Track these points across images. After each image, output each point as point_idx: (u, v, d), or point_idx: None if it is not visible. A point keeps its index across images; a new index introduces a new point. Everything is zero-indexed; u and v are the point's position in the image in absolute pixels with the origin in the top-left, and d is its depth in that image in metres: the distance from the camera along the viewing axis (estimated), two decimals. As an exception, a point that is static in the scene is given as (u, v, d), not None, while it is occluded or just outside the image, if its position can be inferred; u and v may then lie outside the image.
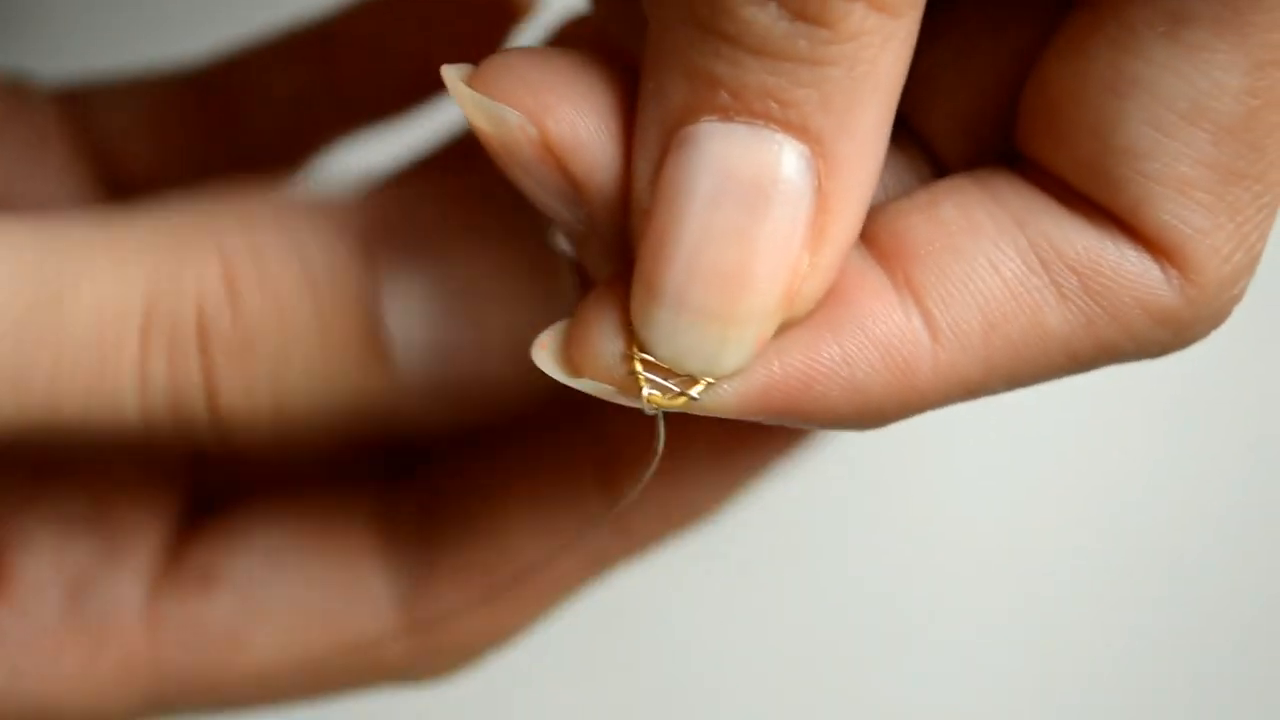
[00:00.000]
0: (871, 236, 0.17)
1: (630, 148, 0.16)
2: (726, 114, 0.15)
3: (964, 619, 0.42)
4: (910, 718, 0.42)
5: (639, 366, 0.16)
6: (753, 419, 0.17)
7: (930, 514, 0.43)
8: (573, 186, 0.16)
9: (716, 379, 0.16)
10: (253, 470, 0.23)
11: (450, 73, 0.17)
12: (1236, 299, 0.17)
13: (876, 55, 0.15)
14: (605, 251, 0.18)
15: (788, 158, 0.15)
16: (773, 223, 0.15)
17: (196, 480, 0.23)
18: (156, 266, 0.18)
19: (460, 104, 0.16)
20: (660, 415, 0.17)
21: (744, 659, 0.42)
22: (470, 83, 0.16)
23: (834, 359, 0.16)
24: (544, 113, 0.16)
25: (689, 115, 0.15)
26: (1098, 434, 0.43)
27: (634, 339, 0.16)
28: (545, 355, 0.17)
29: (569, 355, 0.17)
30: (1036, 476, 0.43)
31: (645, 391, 0.16)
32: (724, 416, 0.17)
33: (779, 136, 0.15)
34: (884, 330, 0.16)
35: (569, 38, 0.23)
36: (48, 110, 0.27)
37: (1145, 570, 0.43)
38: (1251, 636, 0.43)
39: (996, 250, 0.17)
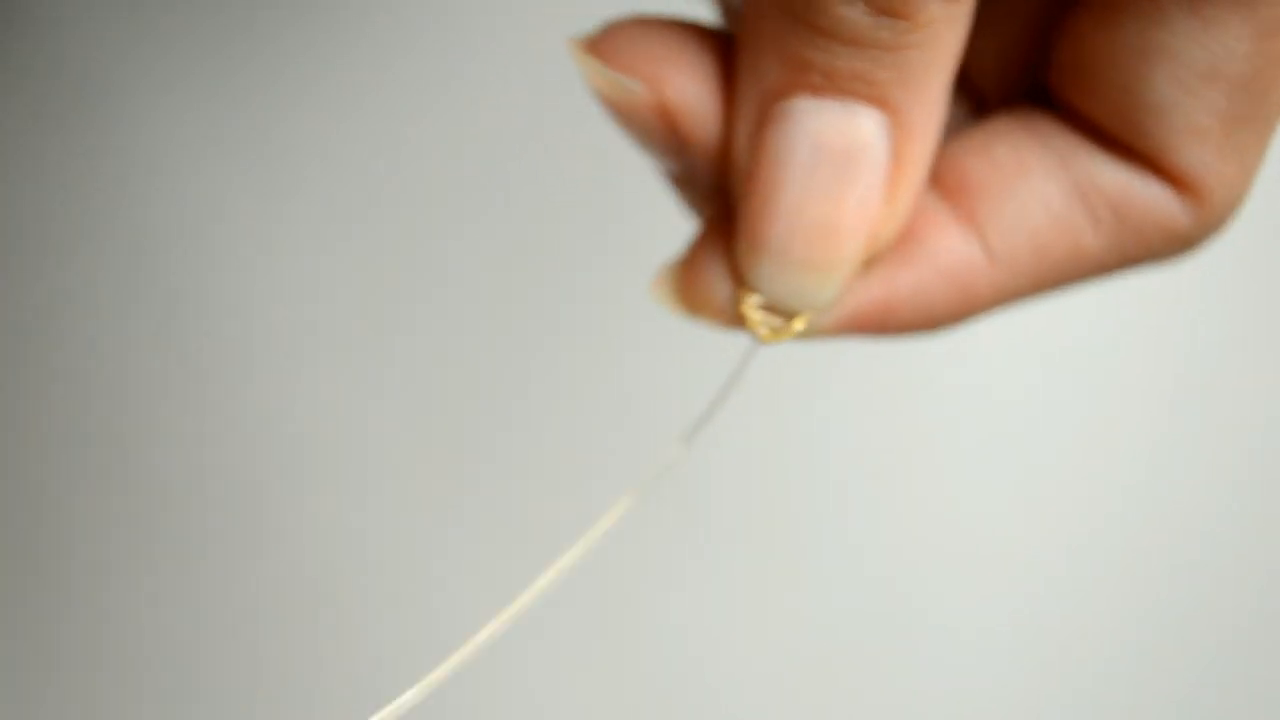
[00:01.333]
0: (936, 175, 0.20)
1: (729, 110, 0.19)
2: (818, 91, 0.18)
3: (964, 617, 0.44)
4: (910, 714, 0.44)
5: (750, 310, 0.19)
6: (841, 338, 0.21)
7: (931, 511, 0.45)
8: (681, 141, 0.20)
9: (814, 313, 0.19)
10: None
11: (575, 43, 0.19)
12: (1237, 212, 0.21)
13: (944, 35, 0.18)
14: (706, 194, 0.21)
15: (871, 128, 0.18)
16: (860, 184, 0.18)
17: None
18: None
19: (585, 72, 0.19)
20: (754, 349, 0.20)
21: (743, 658, 0.44)
22: (592, 51, 0.19)
23: (909, 287, 0.20)
24: (663, 82, 0.19)
25: (785, 92, 0.18)
26: (1100, 430, 0.45)
27: (742, 282, 0.19)
28: (664, 293, 0.20)
29: (685, 295, 0.20)
30: (1039, 470, 0.45)
31: (760, 330, 0.19)
32: (819, 339, 0.20)
33: (863, 109, 0.18)
34: (948, 260, 0.20)
35: None
36: None
37: (1148, 565, 0.44)
38: (1252, 632, 0.44)
39: (1045, 186, 0.20)
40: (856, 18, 0.17)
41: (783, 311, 0.19)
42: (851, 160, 0.18)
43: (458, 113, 0.42)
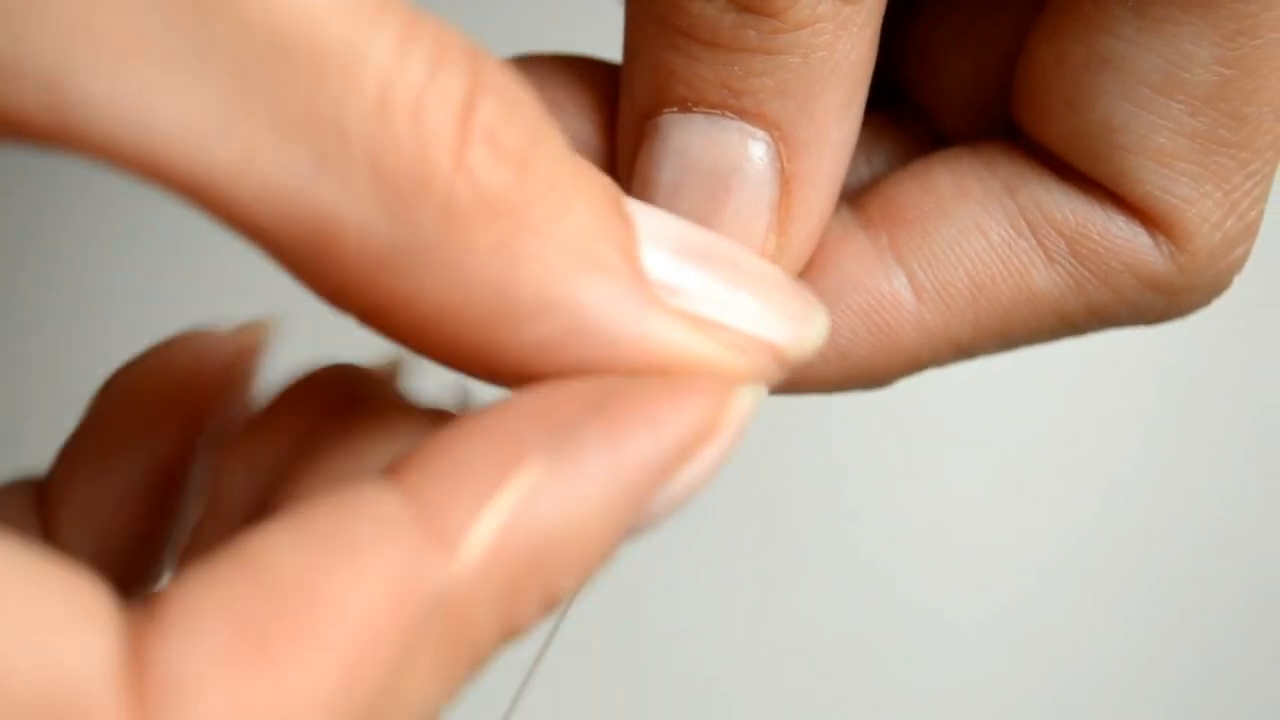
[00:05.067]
0: (862, 205, 0.17)
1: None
2: (685, 105, 0.15)
3: (964, 617, 0.43)
4: (908, 711, 0.43)
5: None
6: None
7: (930, 511, 0.43)
8: None
9: None
10: None
11: None
12: (1235, 266, 0.17)
13: (833, 41, 0.15)
14: None
15: (745, 145, 0.15)
16: (733, 209, 0.15)
17: None
18: None
19: None
20: None
21: (742, 656, 0.43)
22: None
23: None
24: None
25: (654, 108, 0.16)
26: (1098, 428, 0.43)
27: None
28: None
29: None
30: (1037, 469, 0.43)
31: None
32: None
33: (736, 124, 0.15)
34: (862, 297, 0.17)
35: None
36: None
37: (1145, 564, 0.43)
38: (1251, 628, 0.43)
39: (984, 213, 0.17)
40: (715, 15, 0.14)
41: None
42: (721, 182, 0.15)
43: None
